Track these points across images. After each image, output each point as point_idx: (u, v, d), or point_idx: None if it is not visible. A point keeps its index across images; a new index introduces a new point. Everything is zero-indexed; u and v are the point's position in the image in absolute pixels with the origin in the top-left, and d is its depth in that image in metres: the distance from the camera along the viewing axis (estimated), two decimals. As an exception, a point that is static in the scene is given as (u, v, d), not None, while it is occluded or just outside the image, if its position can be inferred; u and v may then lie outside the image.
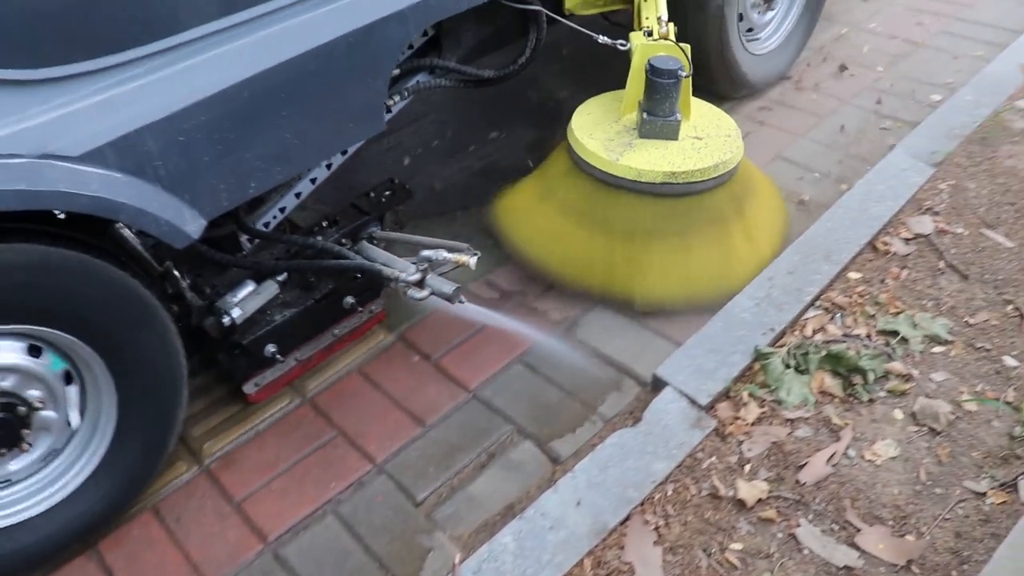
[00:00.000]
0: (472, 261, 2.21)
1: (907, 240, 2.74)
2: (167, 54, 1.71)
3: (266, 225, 2.38)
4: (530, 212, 2.74)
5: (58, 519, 1.99)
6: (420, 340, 2.55)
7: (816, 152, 3.27)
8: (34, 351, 1.86)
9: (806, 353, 2.32)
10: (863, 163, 3.17)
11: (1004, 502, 2.00)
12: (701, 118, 2.72)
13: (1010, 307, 2.51)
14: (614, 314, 2.59)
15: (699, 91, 2.80)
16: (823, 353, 2.32)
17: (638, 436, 2.13)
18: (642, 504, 2.01)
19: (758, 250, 2.65)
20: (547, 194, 2.71)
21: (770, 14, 3.53)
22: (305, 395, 2.40)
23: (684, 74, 2.54)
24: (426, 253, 2.21)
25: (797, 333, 2.42)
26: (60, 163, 1.62)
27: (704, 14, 3.06)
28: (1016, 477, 2.05)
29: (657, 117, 2.56)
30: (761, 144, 3.32)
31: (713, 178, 2.50)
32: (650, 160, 2.48)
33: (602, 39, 2.69)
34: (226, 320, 2.23)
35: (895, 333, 2.42)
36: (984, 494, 2.03)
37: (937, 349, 2.40)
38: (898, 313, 2.47)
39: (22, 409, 1.87)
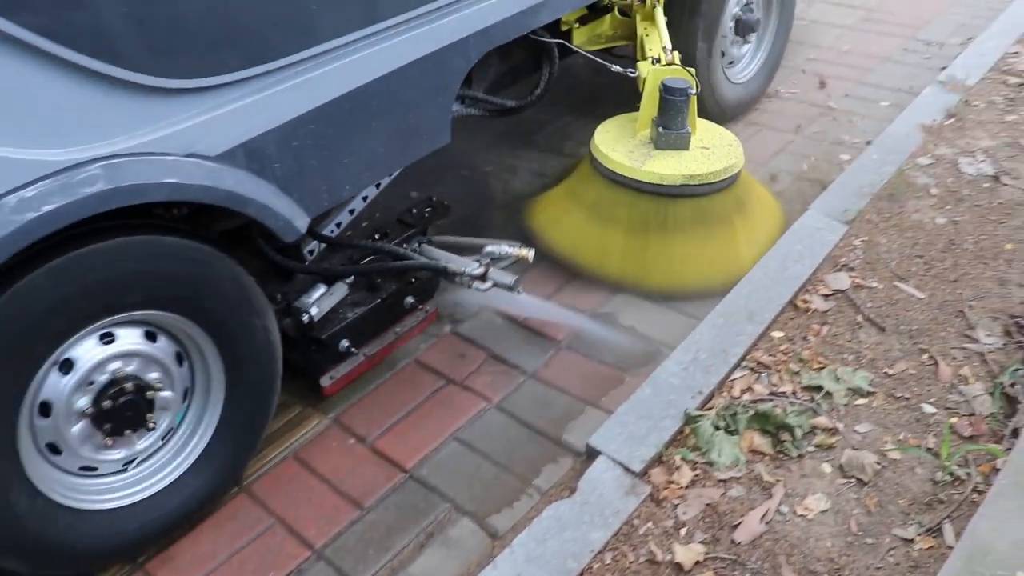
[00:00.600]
0: (530, 254, 2.62)
1: (826, 297, 2.83)
2: (284, 71, 2.00)
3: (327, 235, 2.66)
4: (559, 215, 3.14)
5: (175, 497, 2.18)
6: (355, 422, 2.55)
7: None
8: (150, 337, 2.05)
9: (735, 414, 2.37)
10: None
11: (931, 547, 2.06)
12: (705, 131, 3.14)
13: (925, 356, 2.60)
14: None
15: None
16: (751, 413, 2.38)
17: (574, 507, 2.14)
18: (581, 574, 2.02)
19: (759, 243, 3.04)
20: (574, 200, 3.12)
21: (746, 47, 4.04)
22: (242, 484, 2.38)
23: (693, 92, 2.96)
24: (489, 248, 2.58)
25: (725, 394, 2.47)
26: (202, 161, 1.89)
27: (692, 50, 3.50)
28: (941, 521, 2.10)
29: (671, 131, 2.98)
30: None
31: (723, 180, 2.93)
32: (669, 166, 2.90)
33: (615, 68, 3.16)
34: (305, 318, 2.47)
35: (819, 388, 2.49)
36: (912, 540, 2.08)
37: (860, 401, 2.47)
38: (821, 368, 2.55)
39: (150, 393, 2.06)
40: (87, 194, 1.70)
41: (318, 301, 2.51)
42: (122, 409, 2.02)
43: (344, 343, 2.56)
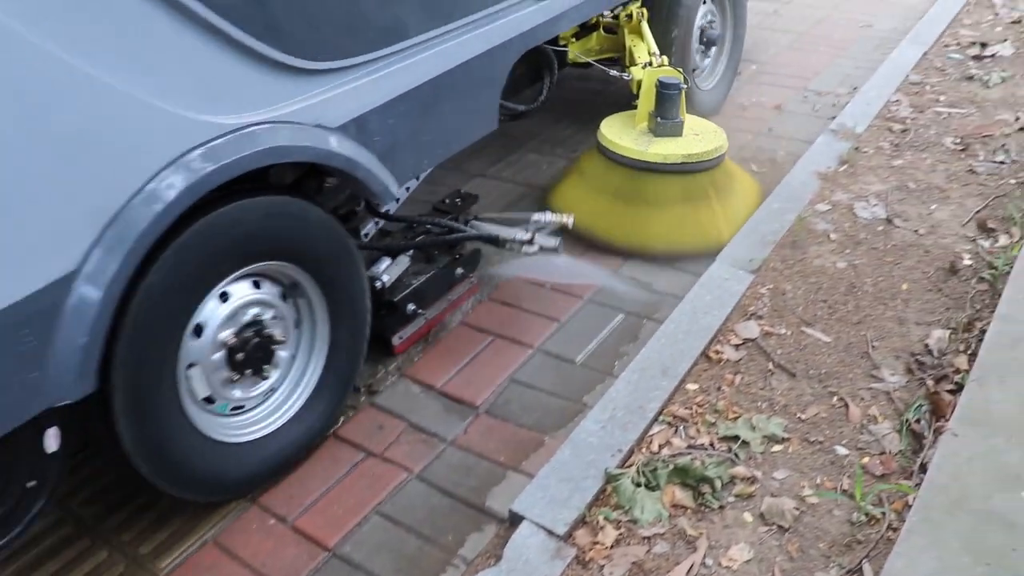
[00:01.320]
0: (570, 220, 3.05)
1: (737, 346, 2.89)
2: (385, 59, 2.46)
3: (386, 212, 3.02)
4: (576, 196, 3.69)
5: (287, 434, 2.52)
6: (275, 502, 2.49)
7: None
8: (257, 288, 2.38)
9: (655, 469, 2.39)
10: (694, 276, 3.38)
11: (853, 590, 2.10)
12: (692, 122, 3.73)
13: (835, 398, 2.67)
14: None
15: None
16: (671, 467, 2.40)
17: (501, 575, 2.12)
18: (512, 645, 2.00)
19: (741, 210, 3.64)
20: (588, 181, 3.70)
21: (707, 60, 4.66)
22: (157, 574, 2.30)
23: (684, 86, 3.61)
24: (536, 217, 3.02)
25: (644, 450, 2.49)
26: (327, 131, 2.30)
27: (668, 59, 3.98)
28: (860, 562, 2.15)
29: (667, 120, 3.58)
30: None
31: (714, 158, 3.53)
32: (669, 148, 3.50)
33: (613, 72, 3.89)
34: (378, 284, 2.86)
35: (736, 438, 2.53)
36: (834, 585, 2.12)
37: (776, 448, 2.52)
38: (736, 418, 2.59)
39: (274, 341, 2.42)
40: (250, 151, 2.08)
41: (387, 270, 2.92)
42: (252, 350, 2.38)
43: (411, 306, 2.99)
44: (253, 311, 2.35)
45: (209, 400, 2.35)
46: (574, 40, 4.02)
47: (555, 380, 2.89)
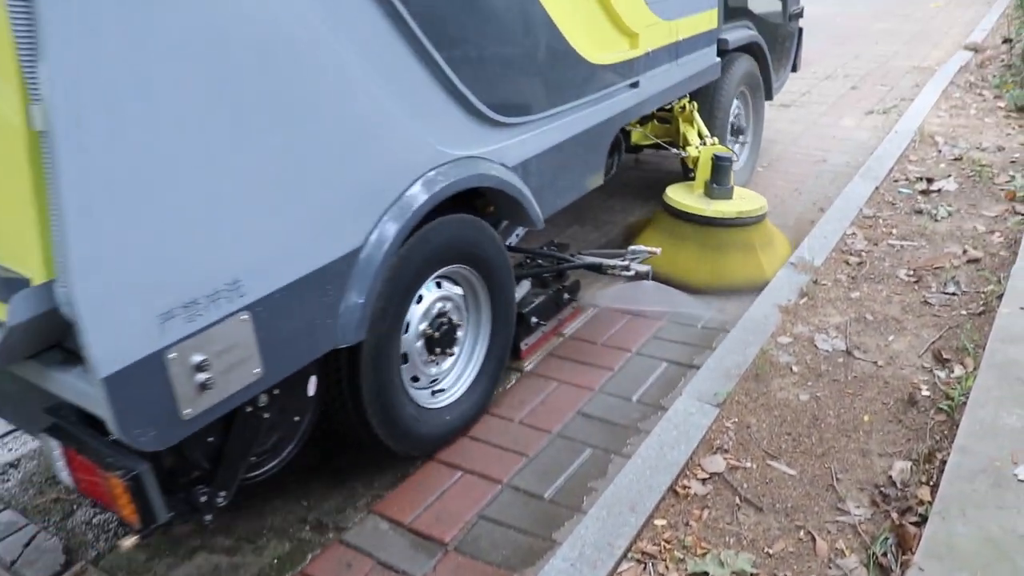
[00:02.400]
0: (659, 250, 4.10)
1: (704, 481, 2.92)
2: (542, 121, 3.37)
3: (509, 244, 3.92)
4: (652, 244, 4.40)
5: (459, 407, 3.27)
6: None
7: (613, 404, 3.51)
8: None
9: (624, 607, 2.38)
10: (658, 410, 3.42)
11: None
12: (737, 190, 4.70)
13: (802, 532, 2.69)
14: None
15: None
16: (640, 605, 2.39)
17: None
18: None
19: (779, 257, 4.58)
20: (660, 233, 4.66)
21: (737, 145, 5.74)
22: None
23: (735, 159, 4.80)
24: (631, 248, 4.08)
25: (614, 588, 2.48)
26: (507, 169, 3.18)
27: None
28: None
29: (721, 186, 4.57)
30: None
31: (759, 216, 4.51)
32: (725, 207, 4.48)
33: (674, 151, 5.03)
34: None
35: (705, 574, 2.53)
36: None
37: (745, 584, 2.52)
38: (705, 554, 2.60)
39: (455, 326, 3.18)
40: (467, 175, 2.91)
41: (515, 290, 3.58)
42: (441, 334, 3.10)
43: (534, 319, 3.82)
44: (439, 306, 3.10)
45: (414, 379, 3.12)
46: (637, 127, 5.13)
47: (524, 516, 2.89)
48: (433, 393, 3.23)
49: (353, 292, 2.56)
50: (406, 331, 2.99)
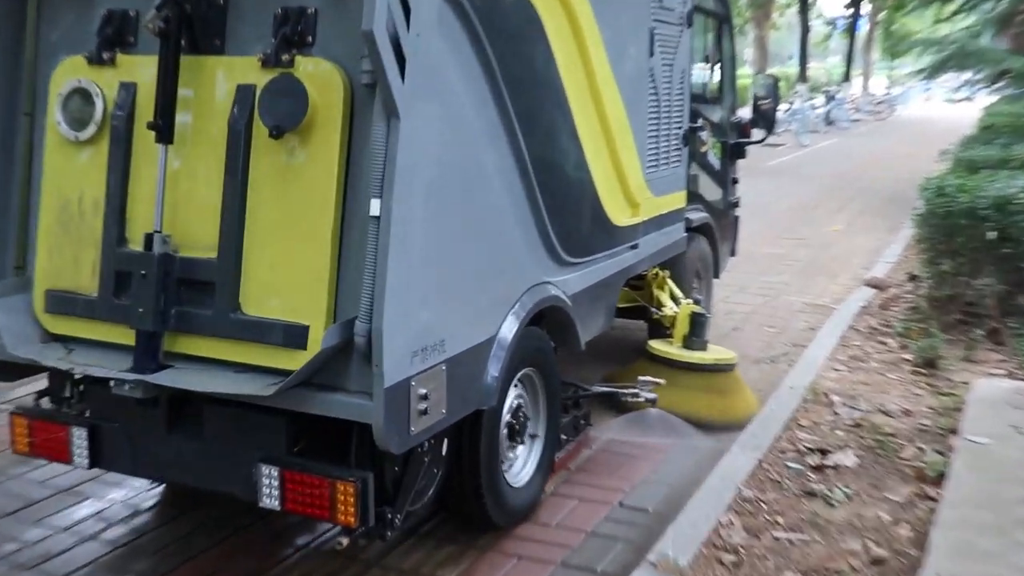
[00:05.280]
0: (663, 382, 4.79)
1: None
2: (585, 264, 4.18)
3: None
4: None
5: (527, 491, 3.91)
6: None
7: None
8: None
9: None
10: None
11: None
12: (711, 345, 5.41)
13: None
14: None
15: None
16: None
17: None
18: None
19: (748, 406, 5.16)
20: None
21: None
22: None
23: (708, 316, 5.46)
24: (641, 378, 4.78)
25: None
26: (567, 297, 3.98)
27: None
28: None
29: (699, 338, 5.25)
30: None
31: (731, 363, 5.26)
32: (704, 356, 5.23)
33: (652, 309, 5.50)
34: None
35: None
36: None
37: None
38: None
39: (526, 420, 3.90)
40: (548, 295, 3.79)
41: None
42: (519, 424, 3.84)
43: (563, 436, 4.28)
44: (517, 402, 3.78)
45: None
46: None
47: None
48: (515, 474, 3.87)
49: (492, 367, 3.37)
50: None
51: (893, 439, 4.70)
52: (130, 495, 4.16)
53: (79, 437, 3.26)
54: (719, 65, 6.46)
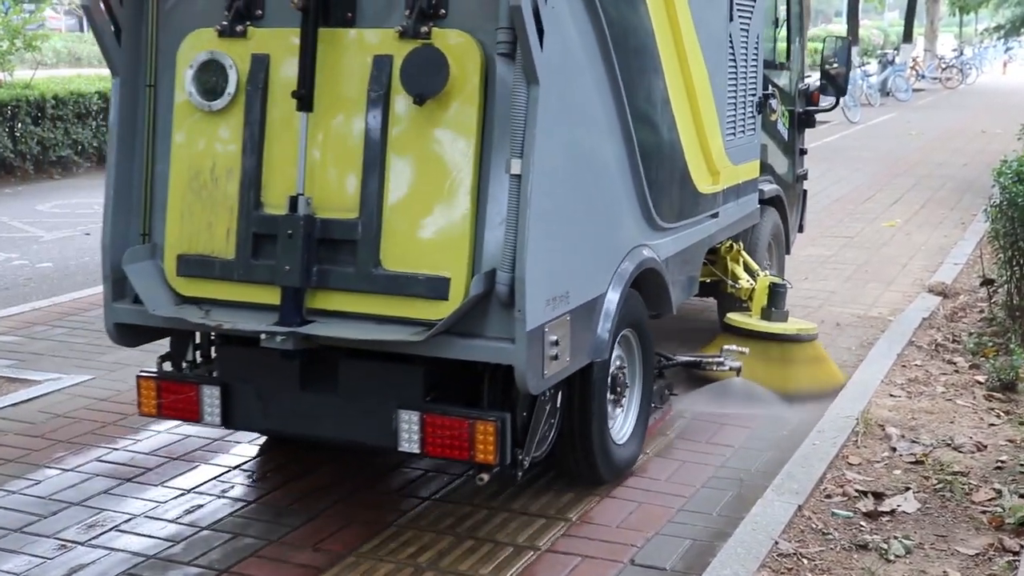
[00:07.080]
0: (747, 350, 4.89)
1: None
2: (675, 230, 4.35)
3: None
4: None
5: (628, 449, 4.06)
6: None
7: None
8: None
9: None
10: None
11: None
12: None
13: None
14: None
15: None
16: None
17: None
18: None
19: (831, 375, 5.23)
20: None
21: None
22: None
23: (789, 286, 5.47)
24: (725, 347, 4.87)
25: None
26: (661, 260, 4.15)
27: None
28: None
29: (778, 310, 5.23)
30: None
31: (813, 334, 5.26)
32: (784, 326, 5.21)
33: (730, 282, 5.48)
34: None
35: None
36: None
37: None
38: None
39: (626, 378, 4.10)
40: (647, 256, 3.99)
41: None
42: (621, 381, 4.02)
43: (653, 403, 4.43)
44: (618, 362, 3.97)
45: None
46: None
47: None
48: (617, 431, 4.04)
49: (602, 321, 3.64)
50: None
51: (963, 479, 3.98)
52: (244, 462, 4.27)
53: (211, 396, 3.45)
54: (786, 28, 6.37)
